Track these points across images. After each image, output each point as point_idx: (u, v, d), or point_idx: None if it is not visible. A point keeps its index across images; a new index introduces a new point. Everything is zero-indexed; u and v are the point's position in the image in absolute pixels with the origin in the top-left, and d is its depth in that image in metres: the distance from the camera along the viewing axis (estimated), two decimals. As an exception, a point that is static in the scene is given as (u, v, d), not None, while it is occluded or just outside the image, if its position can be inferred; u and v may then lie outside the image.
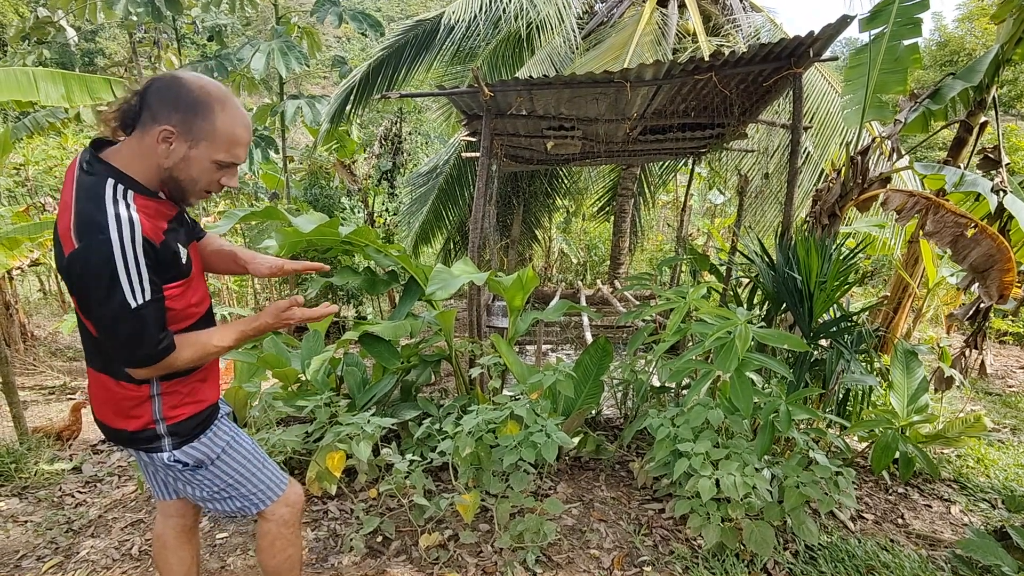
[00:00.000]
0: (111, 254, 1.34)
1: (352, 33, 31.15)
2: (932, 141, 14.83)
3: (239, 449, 1.79)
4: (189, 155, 1.47)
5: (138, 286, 1.39)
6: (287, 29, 6.43)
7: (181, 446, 1.64)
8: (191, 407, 1.66)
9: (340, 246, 3.83)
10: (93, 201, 1.38)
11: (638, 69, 3.76)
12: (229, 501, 1.79)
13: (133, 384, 1.56)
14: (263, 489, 1.82)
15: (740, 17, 7.63)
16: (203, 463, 1.70)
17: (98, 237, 1.34)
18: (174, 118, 1.43)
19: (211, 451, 1.71)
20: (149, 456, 1.65)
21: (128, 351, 1.45)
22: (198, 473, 1.71)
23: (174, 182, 1.51)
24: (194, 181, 1.52)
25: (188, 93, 1.43)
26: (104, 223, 1.35)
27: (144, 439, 1.61)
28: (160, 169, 1.48)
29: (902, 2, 3.67)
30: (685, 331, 3.01)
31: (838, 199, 3.81)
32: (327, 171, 8.42)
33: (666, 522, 3.04)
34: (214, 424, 1.75)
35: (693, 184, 7.36)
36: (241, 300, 9.00)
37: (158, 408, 1.60)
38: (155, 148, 1.44)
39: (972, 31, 19.59)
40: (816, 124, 6.66)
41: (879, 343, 5.00)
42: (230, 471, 1.76)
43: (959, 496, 3.44)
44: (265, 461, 1.86)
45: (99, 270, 1.34)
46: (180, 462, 1.66)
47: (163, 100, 1.43)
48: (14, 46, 7.22)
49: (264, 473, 1.83)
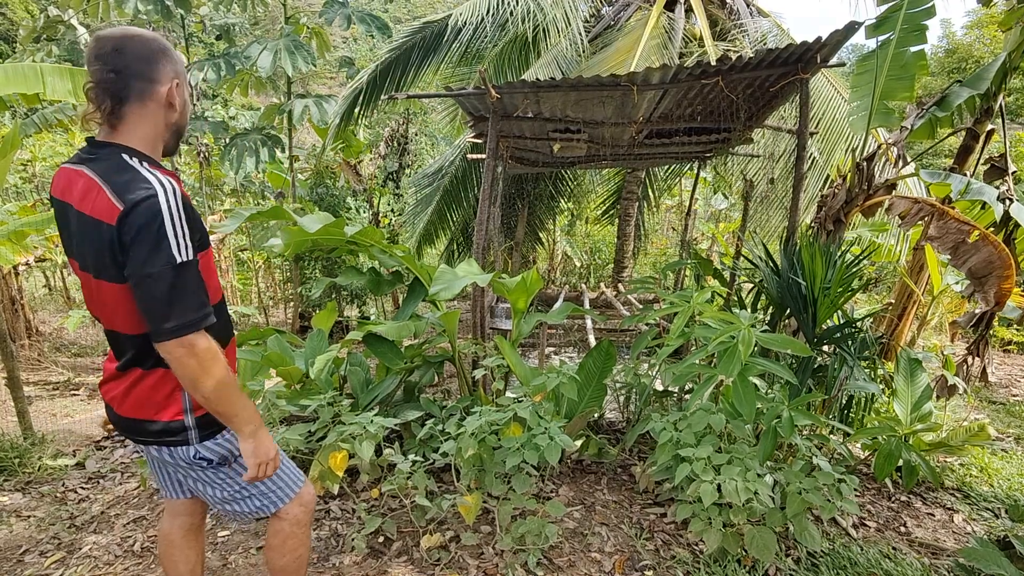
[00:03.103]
0: (159, 209, 1.36)
1: (360, 34, 31.25)
2: (938, 148, 14.81)
3: None
4: (185, 98, 1.56)
5: (183, 242, 1.40)
6: (296, 29, 6.45)
7: (207, 439, 1.62)
8: None
9: (345, 246, 3.84)
10: (122, 171, 1.39)
11: (645, 72, 3.77)
12: (249, 501, 1.76)
13: (162, 369, 1.53)
14: (282, 487, 1.79)
15: (747, 22, 7.63)
16: (227, 459, 1.67)
17: (145, 194, 1.35)
18: (170, 70, 1.50)
19: (235, 446, 1.67)
20: (172, 454, 1.62)
21: (170, 312, 1.40)
22: (221, 471, 1.68)
23: (177, 133, 1.58)
24: (187, 121, 1.61)
25: (157, 44, 1.49)
26: (148, 182, 1.37)
27: (172, 431, 1.58)
28: (166, 127, 1.53)
29: (909, 9, 3.66)
30: (689, 335, 3.01)
31: (843, 205, 3.81)
32: (333, 171, 8.45)
33: (668, 526, 3.03)
34: None
35: (698, 188, 7.36)
36: (246, 298, 9.02)
37: (187, 397, 1.58)
38: (162, 108, 1.49)
39: (980, 38, 19.55)
40: (822, 130, 6.66)
41: (883, 350, 4.99)
42: None
43: (962, 505, 3.43)
44: (284, 458, 1.83)
45: (150, 223, 1.35)
46: (204, 459, 1.63)
47: (151, 60, 1.46)
48: (24, 45, 7.26)
49: (284, 470, 1.81)
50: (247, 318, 8.01)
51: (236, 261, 8.93)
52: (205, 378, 1.46)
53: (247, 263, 8.92)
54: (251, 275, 8.91)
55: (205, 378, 1.46)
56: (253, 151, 6.38)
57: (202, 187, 7.62)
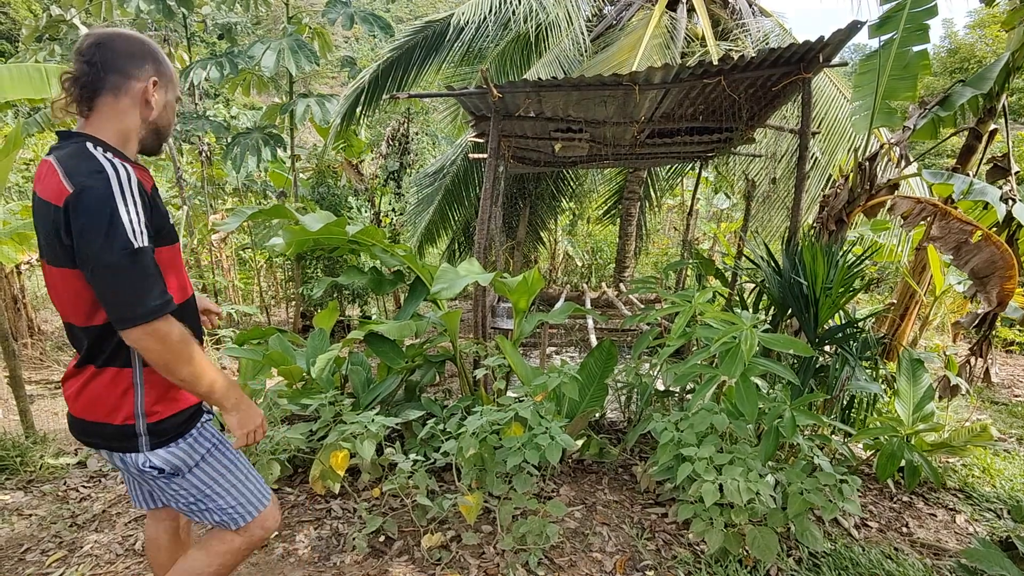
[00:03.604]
0: (110, 192, 1.32)
1: (361, 33, 31.25)
2: (941, 148, 14.78)
3: (220, 458, 1.67)
4: (167, 99, 1.56)
5: (138, 227, 1.35)
6: (298, 29, 6.46)
7: (158, 448, 1.54)
8: (173, 405, 1.57)
9: (347, 245, 3.85)
10: (78, 157, 1.36)
11: (647, 72, 3.76)
12: (207, 514, 1.67)
13: (114, 368, 1.49)
14: (243, 503, 1.70)
15: (749, 21, 7.62)
16: (180, 470, 1.59)
17: (95, 176, 1.32)
18: (150, 68, 1.50)
19: (190, 457, 1.60)
20: (123, 460, 1.55)
21: (131, 299, 1.35)
22: (173, 482, 1.60)
23: (156, 133, 1.56)
24: (170, 125, 1.60)
25: (142, 45, 1.50)
26: (100, 166, 1.34)
27: (123, 436, 1.51)
28: (142, 124, 1.51)
29: (911, 8, 3.66)
30: (690, 335, 3.01)
31: (845, 205, 3.80)
32: (334, 170, 8.45)
33: (669, 526, 3.03)
34: (196, 427, 1.64)
35: (699, 188, 7.36)
36: (247, 297, 9.03)
37: (140, 401, 1.51)
38: (137, 105, 1.48)
39: (983, 38, 19.51)
40: (824, 130, 6.65)
41: (885, 350, 4.98)
42: (209, 480, 1.64)
43: (964, 505, 3.42)
44: (249, 472, 1.75)
45: (100, 207, 1.31)
46: (156, 468, 1.55)
47: (132, 57, 1.47)
48: (27, 45, 7.27)
49: (247, 486, 1.71)
50: (249, 317, 8.02)
51: (238, 260, 8.94)
52: (179, 362, 1.43)
53: (249, 262, 8.92)
54: (253, 274, 8.92)
55: (179, 362, 1.43)
56: (255, 150, 6.38)
57: (204, 186, 7.62)
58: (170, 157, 7.15)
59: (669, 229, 14.36)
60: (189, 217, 7.09)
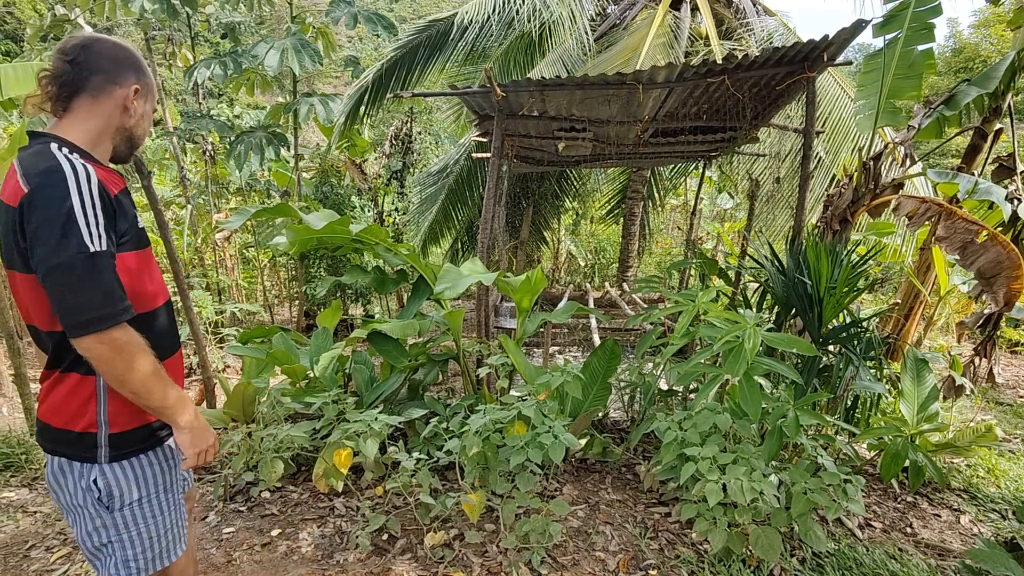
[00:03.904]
0: (67, 192, 1.26)
1: (365, 33, 31.31)
2: (945, 148, 14.73)
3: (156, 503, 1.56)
4: (145, 110, 1.54)
5: (96, 231, 1.29)
6: (302, 28, 6.47)
7: (115, 461, 1.46)
8: (136, 418, 1.49)
9: (350, 244, 3.85)
10: (38, 156, 1.31)
11: (651, 71, 3.76)
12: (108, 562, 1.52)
13: (77, 374, 1.42)
14: (150, 559, 1.56)
15: (753, 21, 7.61)
16: (113, 502, 1.48)
17: (51, 174, 1.27)
18: (133, 76, 1.48)
19: (136, 487, 1.50)
20: (71, 471, 1.45)
21: (83, 306, 1.28)
22: (101, 512, 1.47)
23: (129, 141, 1.54)
24: (144, 135, 1.57)
25: (127, 52, 1.49)
26: (57, 165, 1.28)
27: (83, 444, 1.43)
28: (116, 130, 1.49)
29: (916, 7, 3.65)
30: (694, 334, 3.01)
31: (850, 204, 3.79)
32: (338, 170, 8.46)
33: (672, 526, 3.03)
34: (158, 449, 1.56)
35: (703, 188, 7.35)
36: (251, 296, 9.05)
37: (102, 410, 1.44)
38: (115, 110, 1.46)
39: (988, 37, 19.44)
40: (828, 129, 6.63)
41: (889, 350, 4.96)
42: (132, 524, 1.51)
43: (969, 506, 3.41)
44: (176, 521, 1.63)
45: (55, 208, 1.25)
46: (97, 486, 1.45)
47: (117, 62, 1.46)
48: (31, 44, 7.29)
49: (165, 538, 1.59)
50: (252, 316, 8.03)
51: (242, 259, 8.96)
52: (130, 373, 1.37)
53: (252, 261, 8.94)
54: (256, 273, 8.93)
55: (130, 373, 1.37)
56: (258, 149, 6.39)
57: (208, 185, 7.64)
58: (174, 156, 7.17)
59: (672, 229, 14.34)
60: (193, 216, 7.10)
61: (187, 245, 6.91)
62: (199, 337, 4.12)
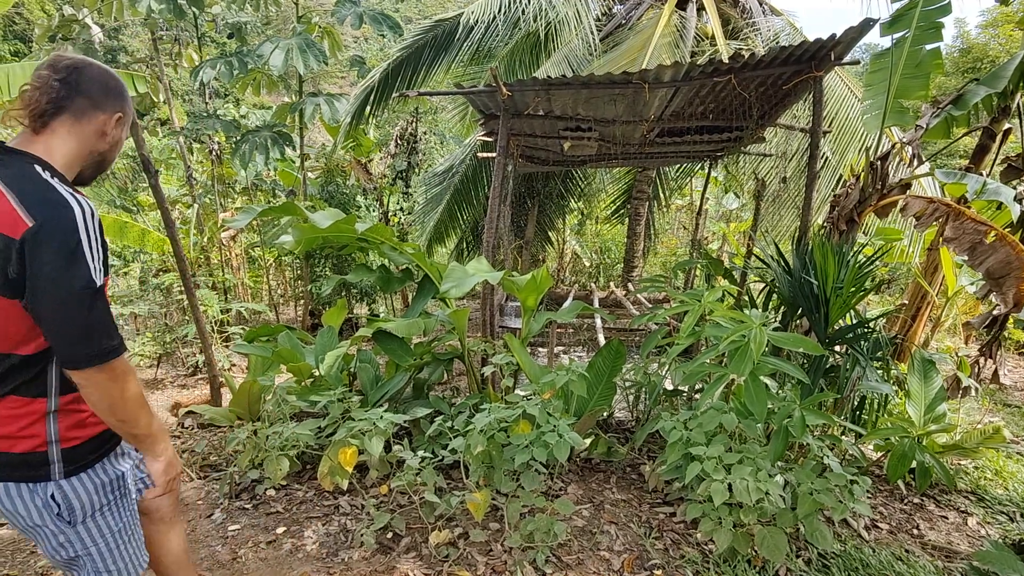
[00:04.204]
0: (76, 227, 1.28)
1: (370, 33, 31.38)
2: (952, 149, 14.65)
3: (117, 513, 1.56)
4: (121, 138, 1.56)
5: (99, 265, 1.33)
6: (307, 28, 6.48)
7: (72, 475, 1.44)
8: (91, 429, 1.48)
9: (356, 243, 3.86)
10: (34, 183, 1.30)
11: (657, 70, 3.75)
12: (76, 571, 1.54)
13: (18, 398, 1.39)
14: (121, 569, 1.59)
15: (759, 20, 7.58)
16: (75, 517, 1.47)
17: (61, 210, 1.28)
18: (118, 104, 1.51)
19: (97, 497, 1.50)
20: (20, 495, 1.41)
21: (95, 338, 1.32)
22: (61, 529, 1.46)
23: (99, 165, 1.55)
24: (112, 162, 1.60)
25: (116, 81, 1.51)
26: (63, 199, 1.30)
27: (28, 465, 1.40)
28: (89, 154, 1.49)
29: (924, 6, 3.63)
30: (699, 334, 3.00)
31: (856, 205, 3.78)
32: (343, 169, 8.48)
33: (677, 526, 3.02)
34: (112, 457, 1.55)
35: (708, 188, 7.33)
36: (257, 296, 9.08)
37: (53, 429, 1.42)
38: (93, 135, 1.47)
39: (996, 37, 19.32)
40: (835, 129, 6.60)
41: (896, 351, 4.94)
42: (97, 535, 1.52)
43: (976, 508, 3.39)
44: (135, 534, 1.64)
45: (66, 242, 1.27)
46: (57, 502, 1.43)
47: (107, 89, 1.48)
48: (40, 44, 7.33)
49: (128, 549, 1.60)
50: (258, 315, 8.06)
51: (247, 258, 8.99)
52: (123, 400, 1.40)
53: (258, 260, 8.97)
54: (262, 272, 8.96)
55: (123, 400, 1.40)
56: (263, 148, 6.40)
57: (214, 185, 7.67)
58: (181, 156, 7.20)
59: (678, 229, 14.31)
60: (199, 215, 7.14)
61: (193, 244, 6.94)
62: (205, 336, 4.13)
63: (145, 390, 5.50)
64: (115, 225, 6.25)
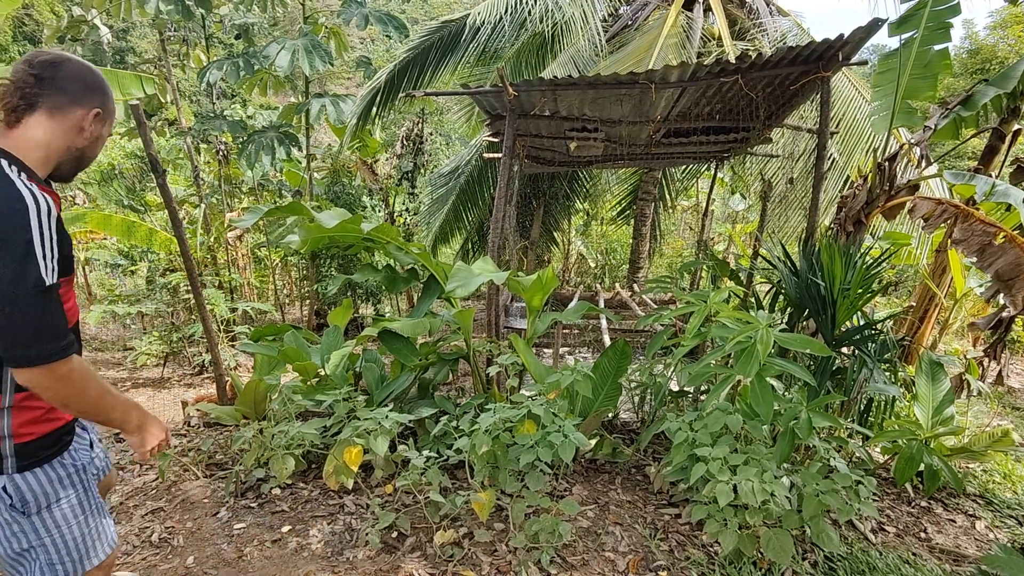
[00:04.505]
0: (28, 223, 1.25)
1: (376, 34, 31.44)
2: (961, 151, 14.56)
3: (75, 504, 1.55)
4: (102, 134, 1.56)
5: (51, 264, 1.30)
6: (314, 29, 6.50)
7: (25, 470, 1.44)
8: (46, 425, 1.47)
9: (362, 243, 3.87)
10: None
11: (663, 70, 3.75)
12: (34, 566, 1.51)
13: None
14: (78, 559, 1.57)
15: (766, 21, 7.56)
16: (29, 508, 1.46)
17: (13, 204, 1.25)
18: (97, 100, 1.50)
19: (51, 491, 1.49)
20: None
21: (40, 338, 1.29)
22: (16, 519, 1.45)
23: (78, 161, 1.54)
24: (94, 158, 1.59)
25: (95, 77, 1.51)
26: (17, 193, 1.27)
27: None
28: (67, 149, 1.47)
29: (933, 6, 3.61)
30: (705, 335, 2.99)
31: (864, 206, 3.76)
32: (349, 170, 8.50)
33: (682, 527, 3.01)
34: (67, 453, 1.54)
35: (715, 189, 7.31)
36: (263, 295, 9.11)
37: (6, 424, 1.41)
38: (72, 130, 1.46)
39: (1005, 38, 19.20)
40: (842, 130, 6.58)
41: (903, 353, 4.91)
42: (52, 528, 1.51)
43: (984, 511, 3.37)
44: (100, 521, 1.63)
45: (15, 239, 1.24)
46: (8, 494, 1.43)
47: (84, 84, 1.47)
48: (49, 45, 7.39)
49: (88, 539, 1.59)
50: (264, 315, 8.08)
51: (253, 258, 9.02)
52: (79, 398, 1.40)
53: (264, 260, 9.00)
54: (268, 272, 8.99)
55: (79, 398, 1.40)
56: (269, 148, 6.43)
57: (221, 185, 7.70)
58: (188, 156, 7.23)
59: (684, 230, 14.28)
60: (206, 215, 7.16)
61: (200, 244, 6.97)
62: (211, 335, 4.15)
63: (151, 389, 5.49)
64: (123, 225, 6.28)
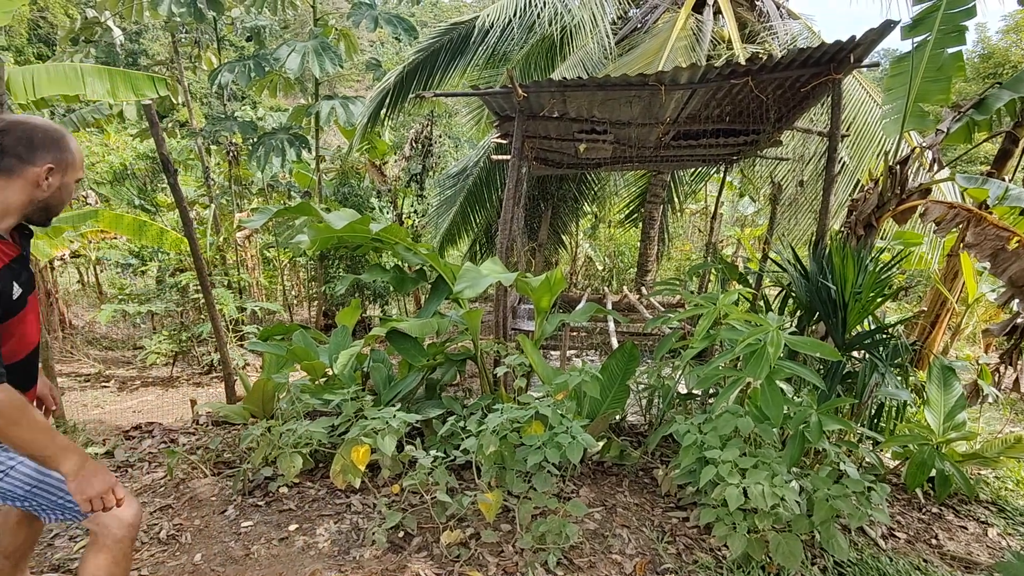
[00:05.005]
0: None
1: (386, 37, 31.58)
2: (972, 155, 14.45)
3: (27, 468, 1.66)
4: (63, 183, 1.67)
5: None
6: (324, 31, 6.55)
7: None
8: None
9: (370, 243, 3.87)
10: None
11: (673, 72, 3.74)
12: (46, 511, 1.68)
13: None
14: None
15: (776, 24, 7.54)
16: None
17: None
18: (49, 157, 1.61)
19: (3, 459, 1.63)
20: None
21: None
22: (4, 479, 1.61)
23: (45, 210, 1.69)
24: (63, 203, 1.73)
25: (45, 133, 1.61)
26: None
27: None
28: (30, 202, 1.61)
29: (947, 9, 3.58)
30: (714, 337, 2.97)
31: (875, 209, 3.73)
32: (358, 171, 8.54)
33: (690, 531, 2.99)
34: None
35: (724, 193, 7.29)
36: (271, 296, 9.15)
37: None
38: (26, 186, 1.58)
39: (1018, 43, 19.06)
40: (853, 133, 6.54)
41: (915, 358, 4.86)
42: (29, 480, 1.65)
43: (996, 518, 3.33)
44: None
45: None
46: None
47: (31, 144, 1.58)
48: (63, 47, 7.47)
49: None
50: (272, 315, 8.12)
51: (262, 259, 9.07)
52: (13, 428, 1.47)
53: (273, 261, 9.05)
54: (277, 273, 9.04)
55: (13, 428, 1.47)
56: (279, 150, 6.47)
57: (231, 186, 7.76)
58: (199, 157, 7.28)
59: (692, 233, 14.24)
60: (216, 216, 7.21)
61: (210, 244, 7.02)
62: (220, 334, 4.17)
63: (160, 387, 5.53)
64: (134, 224, 6.34)
